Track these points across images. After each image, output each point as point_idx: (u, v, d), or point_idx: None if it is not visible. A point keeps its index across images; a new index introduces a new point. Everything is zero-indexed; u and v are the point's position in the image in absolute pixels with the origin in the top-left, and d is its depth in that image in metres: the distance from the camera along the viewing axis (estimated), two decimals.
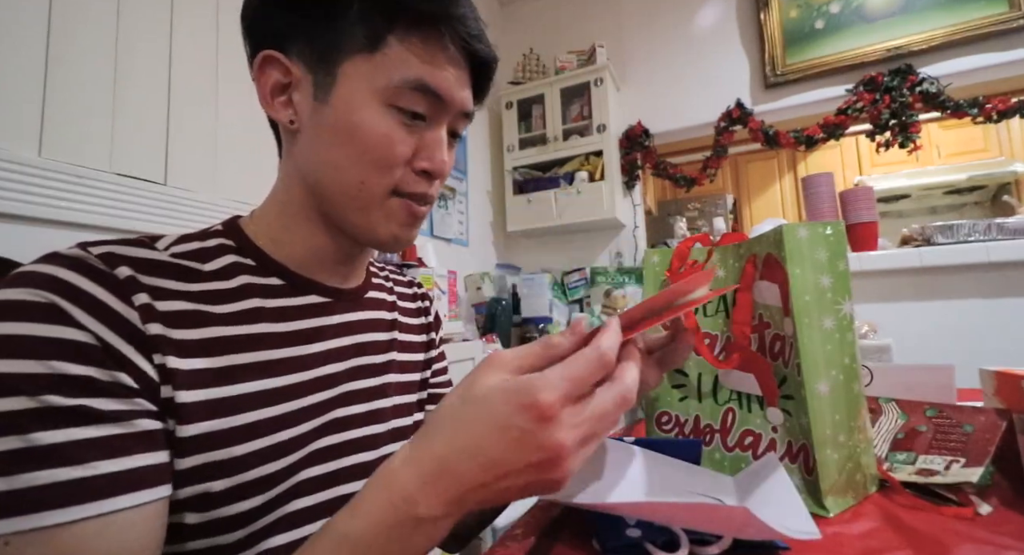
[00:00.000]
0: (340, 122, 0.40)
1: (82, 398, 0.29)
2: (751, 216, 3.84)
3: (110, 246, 0.36)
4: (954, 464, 0.44)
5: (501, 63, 2.09)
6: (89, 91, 1.03)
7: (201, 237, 0.42)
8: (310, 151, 0.42)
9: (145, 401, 0.32)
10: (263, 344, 0.40)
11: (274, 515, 0.39)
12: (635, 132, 2.50)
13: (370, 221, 0.42)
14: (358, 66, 0.39)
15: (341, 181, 0.41)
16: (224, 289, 0.40)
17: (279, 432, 0.39)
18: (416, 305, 0.61)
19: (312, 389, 0.43)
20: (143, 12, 1.14)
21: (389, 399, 0.50)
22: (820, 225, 0.47)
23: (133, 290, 0.34)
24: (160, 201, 1.13)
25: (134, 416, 0.31)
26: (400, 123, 0.40)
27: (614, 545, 0.36)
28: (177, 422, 0.34)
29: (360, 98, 0.40)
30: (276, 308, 0.42)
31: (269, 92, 0.42)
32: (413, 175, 0.42)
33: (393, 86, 0.39)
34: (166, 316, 0.35)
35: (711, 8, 2.46)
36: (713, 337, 0.56)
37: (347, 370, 0.46)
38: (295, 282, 0.44)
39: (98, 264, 0.34)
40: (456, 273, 2.19)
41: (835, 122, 2.11)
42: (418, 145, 0.42)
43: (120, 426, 0.31)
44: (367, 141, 0.40)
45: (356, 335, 0.48)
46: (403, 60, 0.39)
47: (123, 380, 0.31)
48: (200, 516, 0.35)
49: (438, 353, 0.61)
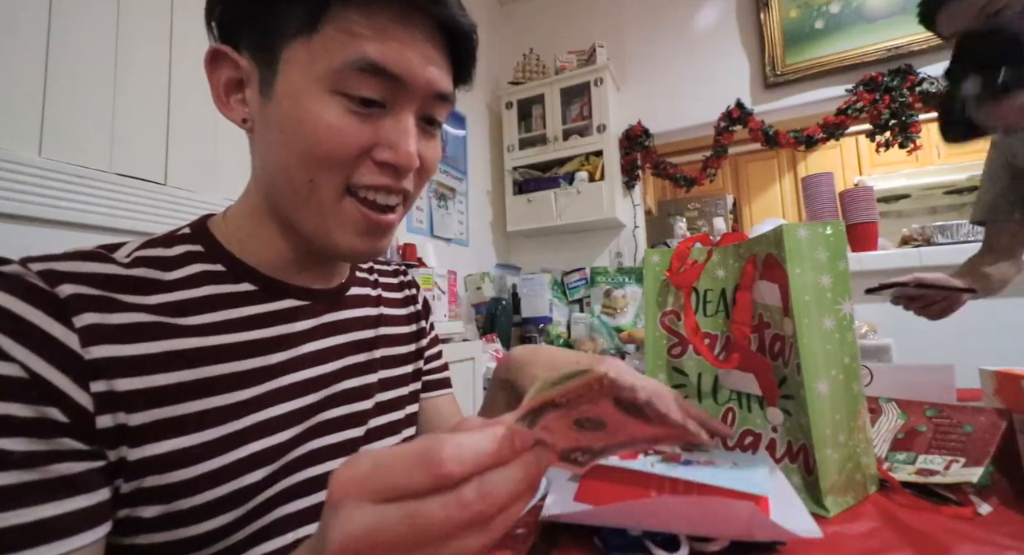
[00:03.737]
0: (285, 118, 0.36)
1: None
2: (751, 216, 3.84)
3: (54, 262, 0.33)
4: (954, 464, 0.44)
5: (501, 63, 2.08)
6: (89, 91, 1.03)
7: (166, 242, 0.40)
8: (263, 151, 0.39)
9: (71, 440, 0.30)
10: (233, 354, 0.38)
11: (258, 523, 0.38)
12: (635, 132, 2.50)
13: (325, 227, 0.39)
14: (297, 52, 0.35)
15: (291, 182, 0.37)
16: (189, 299, 0.37)
17: (255, 442, 0.37)
18: (403, 295, 0.59)
19: (292, 395, 0.41)
20: (143, 12, 1.14)
21: (371, 399, 0.49)
22: (820, 225, 0.47)
23: (75, 310, 0.31)
24: (160, 201, 1.13)
25: (52, 460, 0.29)
26: (348, 111, 0.36)
27: (616, 544, 0.36)
28: (130, 446, 0.32)
29: (302, 88, 0.35)
30: (247, 316, 0.40)
31: (223, 90, 0.39)
32: (373, 167, 0.37)
33: (335, 69, 0.34)
34: (119, 331, 0.33)
35: (711, 8, 2.46)
36: (713, 337, 0.56)
37: (332, 372, 0.45)
38: (268, 287, 0.42)
39: (37, 282, 0.31)
40: (456, 273, 2.19)
41: (835, 122, 2.11)
42: (377, 135, 0.37)
43: (34, 472, 0.28)
44: (312, 135, 0.35)
45: (338, 336, 0.47)
46: (344, 38, 0.34)
47: (50, 415, 0.29)
48: (168, 535, 0.34)
49: (429, 340, 0.60)
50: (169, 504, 0.33)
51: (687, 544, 0.35)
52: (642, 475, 0.38)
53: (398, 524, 0.19)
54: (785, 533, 0.32)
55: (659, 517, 0.35)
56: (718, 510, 0.33)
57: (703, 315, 0.57)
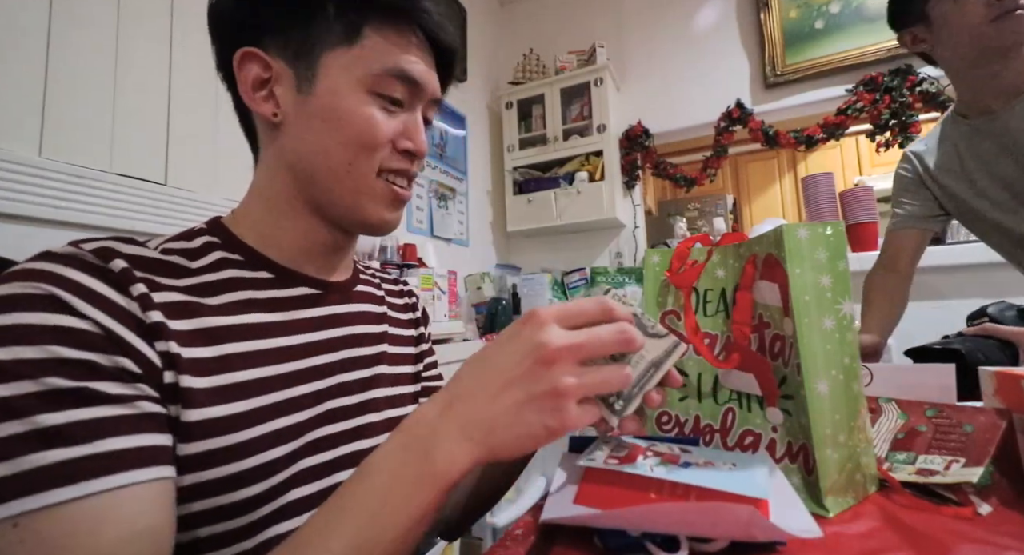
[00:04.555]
0: (327, 110, 0.43)
1: (85, 381, 0.30)
2: (751, 216, 3.84)
3: (103, 242, 0.37)
4: (954, 464, 0.44)
5: (501, 63, 2.10)
6: (89, 91, 1.03)
7: (187, 237, 0.44)
8: (297, 141, 0.44)
9: (147, 387, 0.33)
10: (256, 333, 0.41)
11: (276, 503, 0.40)
12: (635, 132, 2.50)
13: (359, 203, 0.45)
14: (339, 58, 0.43)
15: (330, 164, 0.44)
16: (214, 281, 0.41)
17: (278, 419, 0.40)
18: (404, 301, 0.63)
19: (305, 378, 0.44)
20: (143, 13, 1.14)
21: (381, 389, 0.51)
22: (820, 225, 0.47)
23: (130, 281, 0.35)
24: (160, 201, 1.13)
25: (138, 399, 0.32)
26: (381, 108, 0.44)
27: (616, 544, 0.36)
28: (182, 407, 0.34)
29: (344, 87, 0.43)
30: (267, 299, 0.44)
31: (250, 87, 0.44)
32: (396, 155, 0.46)
33: (373, 74, 0.43)
34: (163, 307, 0.36)
35: (711, 8, 2.46)
36: (713, 337, 0.56)
37: (339, 361, 0.47)
38: (284, 275, 0.46)
39: (93, 259, 0.34)
40: (456, 273, 2.18)
41: (835, 122, 2.11)
42: (399, 128, 0.45)
43: (124, 407, 0.31)
44: (354, 125, 0.43)
45: (347, 327, 0.50)
46: (381, 50, 0.43)
47: (126, 365, 0.32)
48: (206, 503, 0.36)
49: (428, 347, 0.63)
50: (204, 472, 0.35)
51: (687, 544, 0.35)
52: (641, 478, 0.38)
53: (584, 338, 0.31)
54: (785, 534, 0.32)
55: (659, 521, 0.35)
56: (718, 513, 0.33)
57: (703, 315, 0.57)
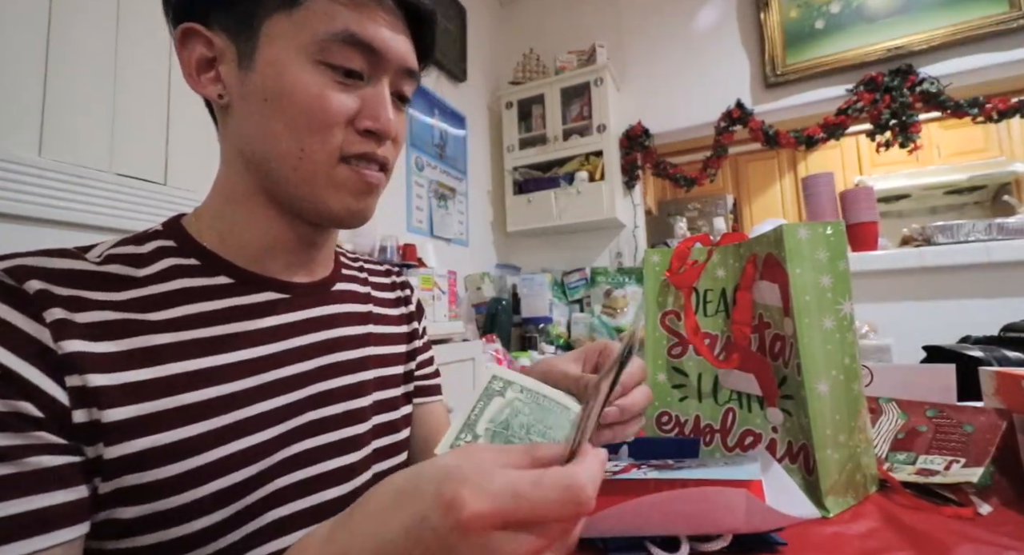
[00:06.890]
0: (268, 87, 0.37)
1: None
2: (751, 216, 3.84)
3: (21, 258, 0.33)
4: (954, 464, 0.44)
5: (501, 63, 2.09)
6: (89, 91, 1.03)
7: (138, 241, 0.40)
8: (244, 124, 0.39)
9: (48, 434, 0.29)
10: (208, 348, 0.37)
11: (249, 526, 0.37)
12: (635, 132, 2.50)
13: (318, 193, 0.39)
14: (279, 24, 0.37)
15: (280, 151, 0.38)
16: (161, 293, 0.37)
17: (237, 441, 0.37)
18: (395, 295, 0.58)
19: (275, 392, 0.40)
20: (143, 12, 1.14)
21: (369, 396, 0.47)
22: (820, 225, 0.47)
23: (44, 305, 0.31)
24: (160, 201, 1.13)
25: (28, 453, 0.28)
26: (333, 81, 0.38)
27: (616, 544, 0.36)
28: (104, 444, 0.31)
29: (286, 58, 0.37)
30: (223, 309, 0.39)
31: (195, 68, 0.39)
32: (357, 136, 0.39)
33: (319, 40, 0.37)
34: (88, 329, 0.32)
35: (711, 8, 2.46)
36: (713, 337, 0.56)
37: (317, 369, 0.43)
38: (245, 279, 0.41)
39: (4, 279, 0.31)
40: (456, 273, 2.19)
41: (835, 122, 2.11)
42: (358, 104, 0.39)
43: (13, 465, 0.28)
44: (299, 103, 0.37)
45: (324, 331, 0.45)
46: (326, 11, 0.37)
47: (24, 410, 0.29)
48: (154, 536, 0.33)
49: (422, 343, 0.58)
50: (151, 504, 0.33)
51: (687, 544, 0.35)
52: (637, 482, 0.38)
53: (539, 543, 0.22)
54: (783, 518, 0.32)
55: (653, 518, 0.35)
56: (711, 499, 0.33)
57: (703, 315, 0.57)
